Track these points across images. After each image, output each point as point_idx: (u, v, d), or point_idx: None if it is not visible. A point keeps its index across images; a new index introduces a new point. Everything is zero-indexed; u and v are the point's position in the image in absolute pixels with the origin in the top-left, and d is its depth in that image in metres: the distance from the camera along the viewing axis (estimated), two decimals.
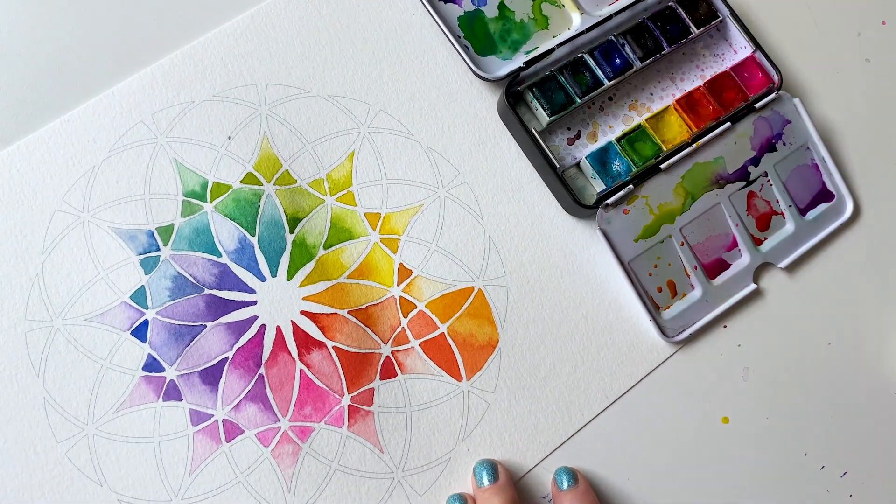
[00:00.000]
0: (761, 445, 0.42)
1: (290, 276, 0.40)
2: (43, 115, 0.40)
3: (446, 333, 0.40)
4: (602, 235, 0.42)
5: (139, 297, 0.38)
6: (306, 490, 0.37)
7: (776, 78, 0.46)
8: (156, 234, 0.39)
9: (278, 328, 0.39)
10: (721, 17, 0.46)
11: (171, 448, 0.37)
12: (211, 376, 0.38)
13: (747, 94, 0.45)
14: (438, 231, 0.42)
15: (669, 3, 0.46)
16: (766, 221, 0.45)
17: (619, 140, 0.43)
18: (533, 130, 0.42)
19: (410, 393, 0.39)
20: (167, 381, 0.37)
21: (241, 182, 0.40)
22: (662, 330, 0.42)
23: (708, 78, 0.46)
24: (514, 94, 0.43)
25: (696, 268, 0.43)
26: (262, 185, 0.41)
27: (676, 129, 0.44)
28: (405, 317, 0.40)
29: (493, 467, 0.38)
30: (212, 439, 0.37)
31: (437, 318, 0.41)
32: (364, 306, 0.40)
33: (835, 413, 0.43)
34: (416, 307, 0.40)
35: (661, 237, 0.43)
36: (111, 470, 0.36)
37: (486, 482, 0.37)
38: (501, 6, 0.45)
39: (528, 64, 0.43)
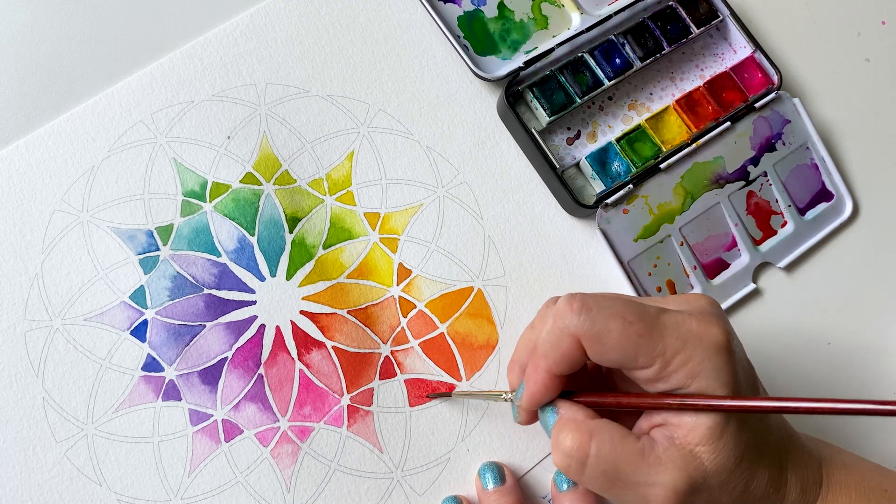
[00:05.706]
0: None
1: (289, 276, 0.40)
2: (42, 115, 0.40)
3: (446, 333, 0.40)
4: (602, 235, 0.42)
5: (138, 296, 0.38)
6: (306, 490, 0.37)
7: (776, 78, 0.46)
8: (155, 234, 0.39)
9: (277, 328, 0.39)
10: (721, 17, 0.46)
11: (170, 448, 0.37)
12: (210, 376, 0.38)
13: (747, 95, 0.45)
14: (438, 231, 0.42)
15: (669, 3, 0.46)
16: (765, 221, 0.45)
17: (618, 140, 0.43)
18: (533, 130, 0.42)
19: (410, 393, 0.39)
20: (166, 380, 0.37)
21: (240, 182, 0.40)
22: None
23: (708, 78, 0.46)
24: (513, 93, 0.43)
25: (695, 267, 0.43)
26: (262, 184, 0.41)
27: (676, 129, 0.44)
28: (405, 317, 0.40)
29: (499, 470, 0.38)
30: (211, 439, 0.37)
31: (437, 318, 0.40)
32: (363, 306, 0.40)
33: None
34: (415, 307, 0.40)
35: (661, 237, 0.43)
36: (110, 470, 0.36)
37: (491, 485, 0.37)
38: (501, 6, 0.45)
39: (528, 64, 0.43)
